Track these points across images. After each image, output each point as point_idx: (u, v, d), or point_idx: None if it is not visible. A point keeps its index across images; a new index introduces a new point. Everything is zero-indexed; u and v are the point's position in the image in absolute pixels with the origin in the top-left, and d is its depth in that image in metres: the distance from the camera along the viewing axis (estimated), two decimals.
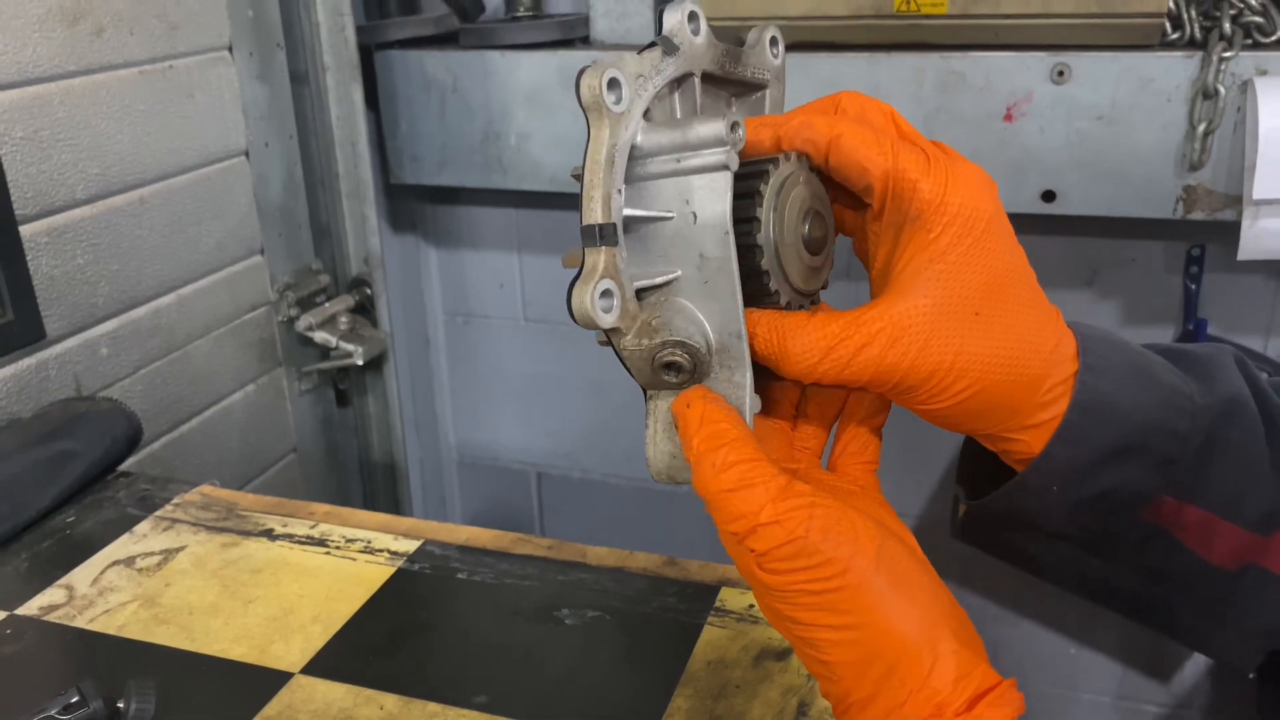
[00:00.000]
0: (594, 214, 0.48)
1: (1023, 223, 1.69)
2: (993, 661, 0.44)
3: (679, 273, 0.50)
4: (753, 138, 0.51)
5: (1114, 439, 0.49)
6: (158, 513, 1.00)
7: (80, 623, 0.84)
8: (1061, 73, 1.35)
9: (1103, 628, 1.77)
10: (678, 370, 0.50)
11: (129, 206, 1.25)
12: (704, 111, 0.55)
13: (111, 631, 0.83)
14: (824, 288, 0.55)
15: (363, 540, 0.95)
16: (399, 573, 0.90)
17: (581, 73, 0.48)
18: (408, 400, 1.91)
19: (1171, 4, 1.31)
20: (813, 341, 0.48)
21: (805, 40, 1.44)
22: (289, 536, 0.96)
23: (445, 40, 1.68)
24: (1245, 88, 1.29)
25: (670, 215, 0.49)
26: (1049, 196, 1.41)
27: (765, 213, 0.49)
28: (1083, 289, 1.63)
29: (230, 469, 1.45)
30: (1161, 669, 1.76)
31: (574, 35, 1.60)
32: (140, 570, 0.91)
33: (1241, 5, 1.30)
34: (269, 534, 0.96)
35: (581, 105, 0.48)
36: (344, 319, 1.60)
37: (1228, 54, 1.28)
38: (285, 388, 1.56)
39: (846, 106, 0.53)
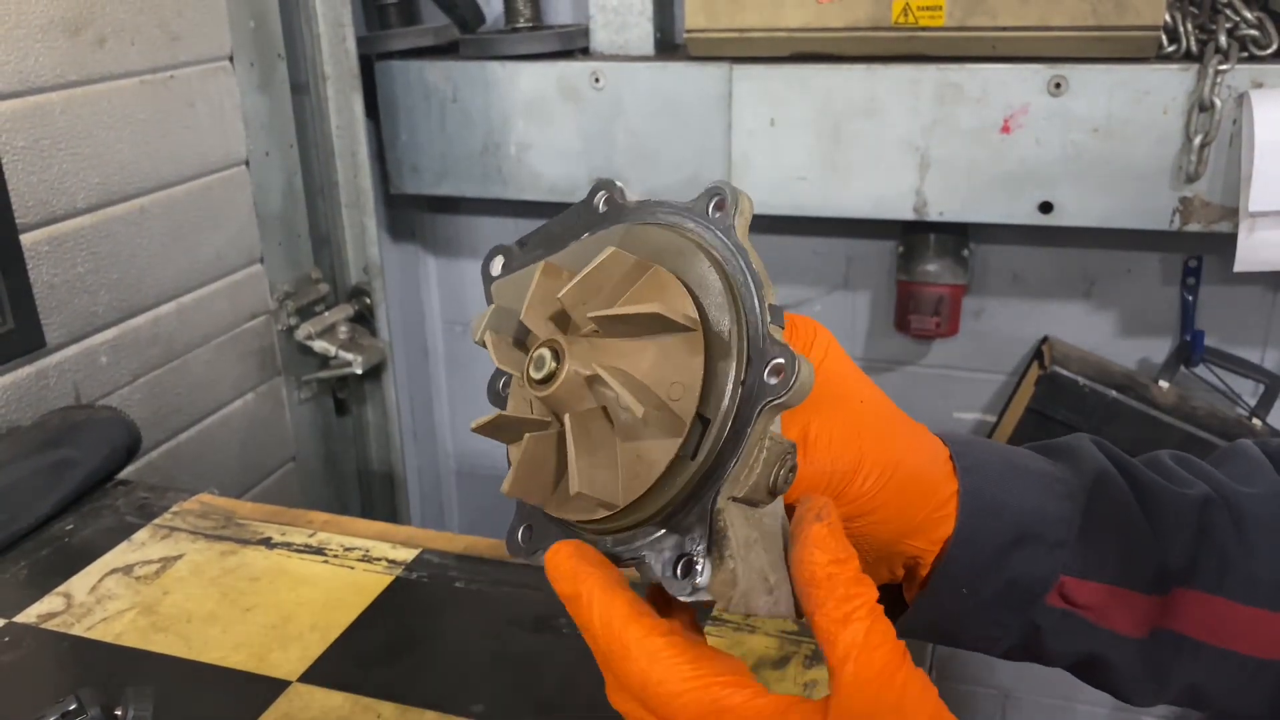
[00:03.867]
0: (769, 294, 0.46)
1: (1020, 234, 1.71)
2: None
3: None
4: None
5: (1005, 533, 0.52)
6: (156, 521, 1.00)
7: (78, 630, 0.84)
8: (1058, 85, 1.35)
9: None
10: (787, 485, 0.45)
11: (129, 215, 1.26)
12: None
13: (109, 639, 0.83)
14: None
15: (361, 549, 0.95)
16: (397, 581, 0.90)
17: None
18: (406, 409, 1.92)
19: (1168, 17, 1.32)
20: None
21: (803, 52, 1.44)
22: (287, 545, 0.96)
23: (445, 51, 1.69)
24: (1241, 100, 1.29)
25: None
26: (1046, 208, 1.41)
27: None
28: (1080, 300, 1.64)
29: (229, 477, 1.45)
30: None
31: (573, 46, 1.61)
32: (139, 578, 0.91)
33: (1237, 18, 1.31)
34: (267, 542, 0.96)
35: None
36: (343, 328, 1.60)
37: (1224, 67, 1.28)
38: (284, 396, 1.56)
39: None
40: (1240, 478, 0.57)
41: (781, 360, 0.43)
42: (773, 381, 0.43)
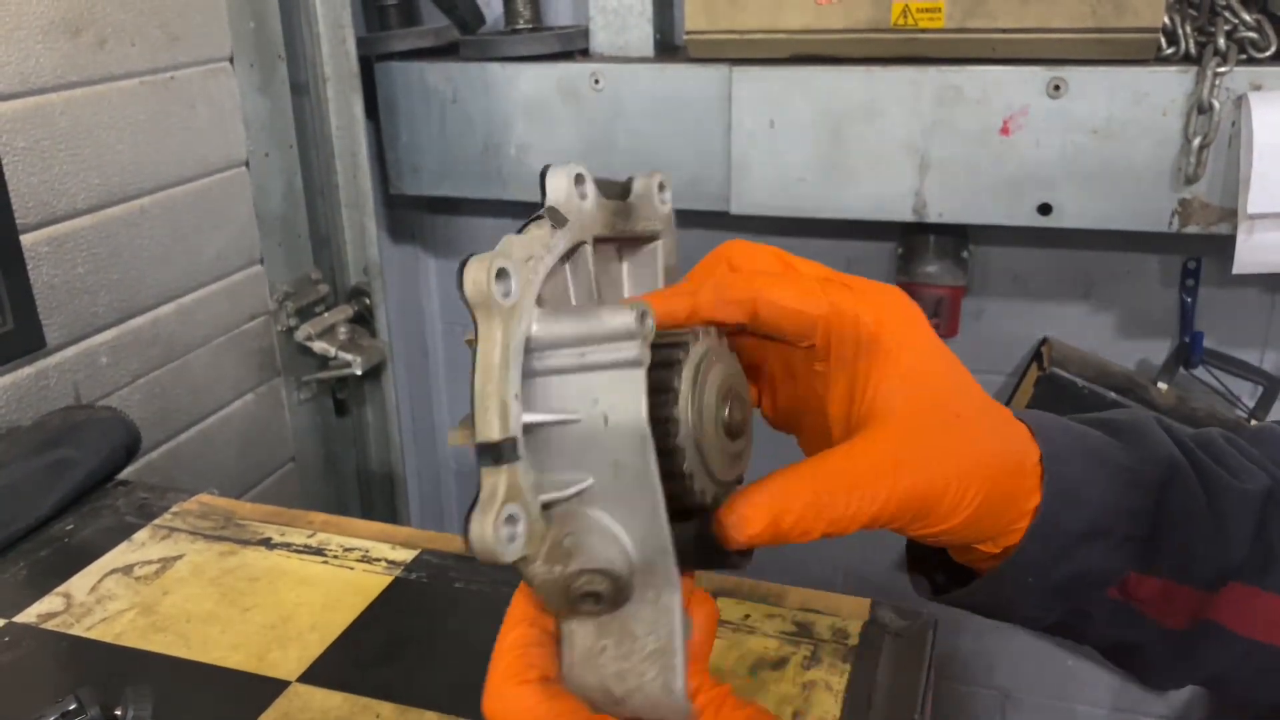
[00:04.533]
0: (490, 429, 0.40)
1: (1019, 235, 1.71)
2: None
3: (590, 480, 0.43)
4: (665, 310, 0.47)
5: (1082, 525, 0.50)
6: (156, 521, 1.00)
7: (78, 630, 0.84)
8: (1058, 87, 1.36)
9: None
10: (597, 600, 0.43)
11: (129, 216, 1.26)
12: (599, 281, 0.49)
13: (109, 639, 0.83)
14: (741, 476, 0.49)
15: (360, 549, 0.95)
16: (396, 582, 0.90)
17: (463, 264, 0.41)
18: (406, 410, 1.92)
19: (1167, 19, 1.32)
20: (828, 486, 0.44)
21: (803, 54, 1.45)
22: (287, 545, 0.96)
23: (445, 52, 1.69)
24: (1240, 102, 1.29)
25: (576, 417, 0.42)
26: (1045, 209, 1.42)
27: (684, 409, 0.43)
28: (1079, 302, 1.64)
29: (228, 478, 1.46)
30: None
31: (573, 48, 1.61)
32: (138, 578, 0.91)
33: (1236, 21, 1.31)
34: (267, 543, 0.97)
35: (466, 302, 0.41)
36: (343, 329, 1.60)
37: (1222, 69, 1.29)
38: (284, 397, 1.56)
39: (739, 260, 0.51)
40: (1275, 459, 0.56)
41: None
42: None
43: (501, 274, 0.41)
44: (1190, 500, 0.53)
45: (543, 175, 0.46)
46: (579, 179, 0.46)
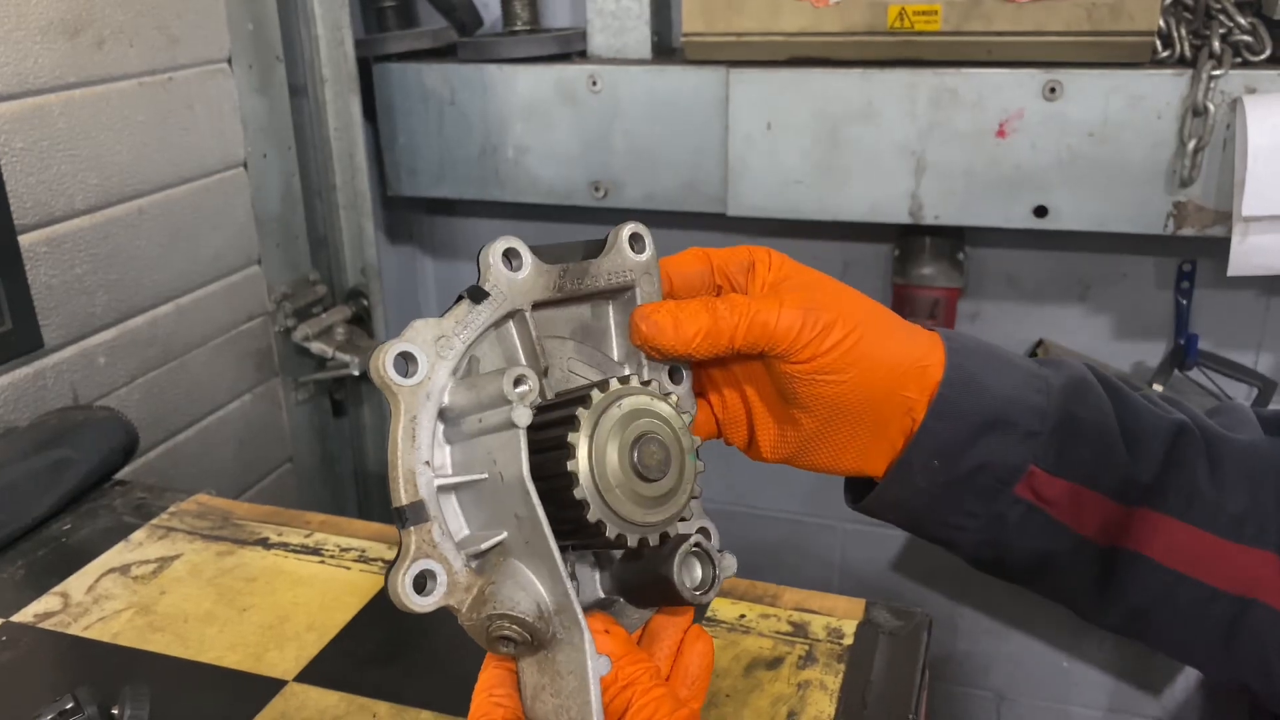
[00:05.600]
0: (398, 496, 0.46)
1: (1015, 237, 1.71)
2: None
3: (504, 534, 0.47)
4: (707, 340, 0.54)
5: (982, 413, 0.54)
6: (153, 521, 1.00)
7: (75, 630, 0.85)
8: (1053, 90, 1.36)
9: (1095, 642, 1.78)
10: (512, 644, 0.47)
11: (128, 217, 1.26)
12: (571, 330, 0.54)
13: (106, 639, 0.84)
14: (696, 498, 0.53)
15: (357, 549, 0.95)
16: None
17: (370, 353, 0.48)
18: None
19: (1162, 23, 1.33)
20: (696, 305, 0.54)
21: (800, 56, 1.45)
22: (284, 545, 0.96)
23: (443, 54, 1.70)
24: (1234, 105, 1.30)
25: (484, 476, 0.48)
26: (1041, 212, 1.42)
27: (581, 461, 0.46)
28: (1074, 303, 1.65)
29: (226, 478, 1.46)
30: (1153, 682, 1.77)
31: (571, 49, 1.61)
32: (135, 578, 0.92)
33: (1231, 24, 1.32)
34: (264, 543, 0.97)
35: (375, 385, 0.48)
36: (340, 329, 1.61)
37: (1217, 72, 1.29)
38: (281, 397, 1.57)
39: (671, 273, 0.58)
40: (1227, 426, 0.59)
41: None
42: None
43: (405, 356, 0.47)
44: (1097, 409, 0.56)
45: (478, 257, 0.51)
46: (510, 254, 0.51)
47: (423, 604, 0.46)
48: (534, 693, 0.48)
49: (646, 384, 0.50)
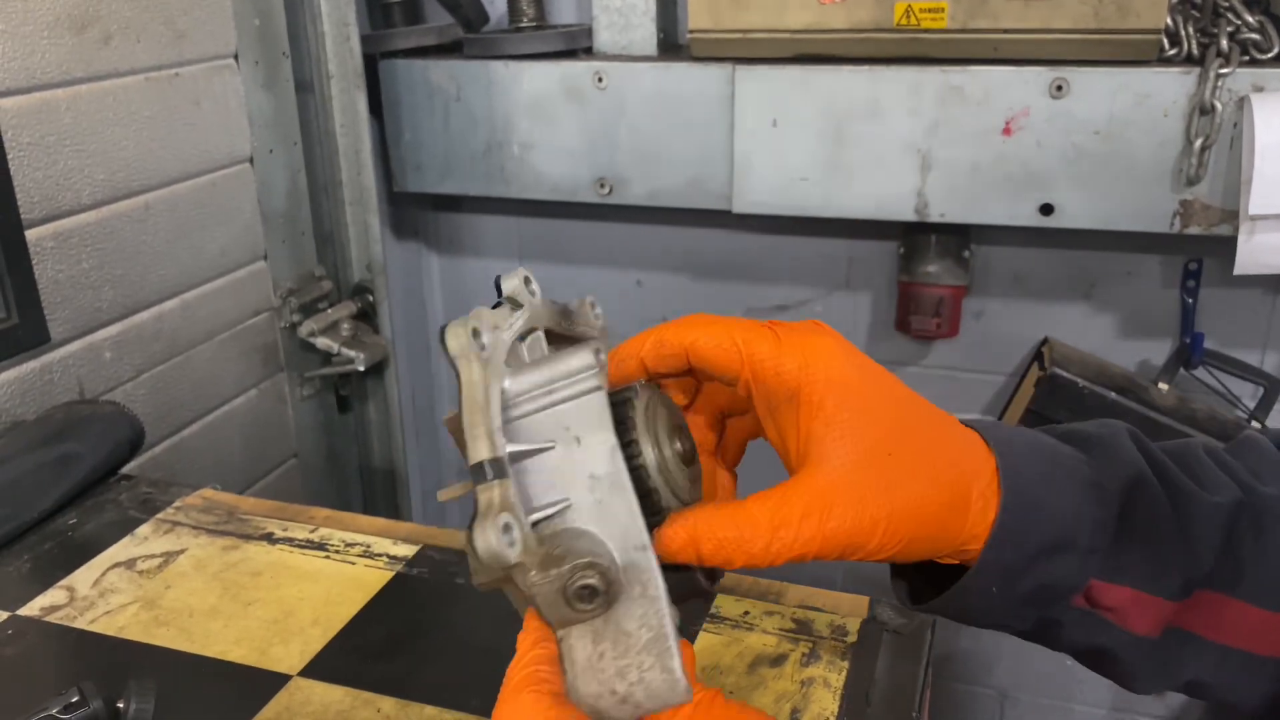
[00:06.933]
0: (480, 451, 0.47)
1: (1020, 236, 1.71)
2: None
3: (569, 499, 0.49)
4: (617, 371, 0.54)
5: (1042, 537, 0.52)
6: (159, 515, 1.01)
7: (81, 624, 0.85)
8: (1060, 87, 1.36)
9: None
10: (593, 594, 0.48)
11: (134, 212, 1.26)
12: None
13: (112, 633, 0.84)
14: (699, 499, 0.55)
15: (362, 544, 0.95)
16: (398, 577, 0.91)
17: (444, 328, 0.50)
18: (408, 406, 1.92)
19: (1169, 20, 1.32)
20: (750, 524, 0.49)
21: (806, 53, 1.45)
22: (289, 540, 0.97)
23: (449, 50, 1.70)
24: (1242, 104, 1.30)
25: (551, 445, 0.50)
26: (1047, 210, 1.42)
27: (641, 434, 0.50)
28: (1080, 302, 1.64)
29: (231, 473, 1.46)
30: None
31: (577, 46, 1.61)
32: (141, 572, 0.92)
33: (1239, 22, 1.32)
34: (269, 537, 0.97)
35: (449, 355, 0.49)
36: (346, 325, 1.61)
37: (1225, 70, 1.29)
38: (287, 393, 1.57)
39: (677, 321, 0.56)
40: (1261, 475, 0.57)
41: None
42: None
43: (476, 332, 0.50)
44: (1155, 511, 0.54)
45: (497, 281, 0.55)
46: (527, 280, 0.54)
47: (510, 554, 0.46)
48: (586, 665, 0.49)
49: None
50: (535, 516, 0.49)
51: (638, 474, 0.50)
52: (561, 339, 0.57)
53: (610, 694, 0.48)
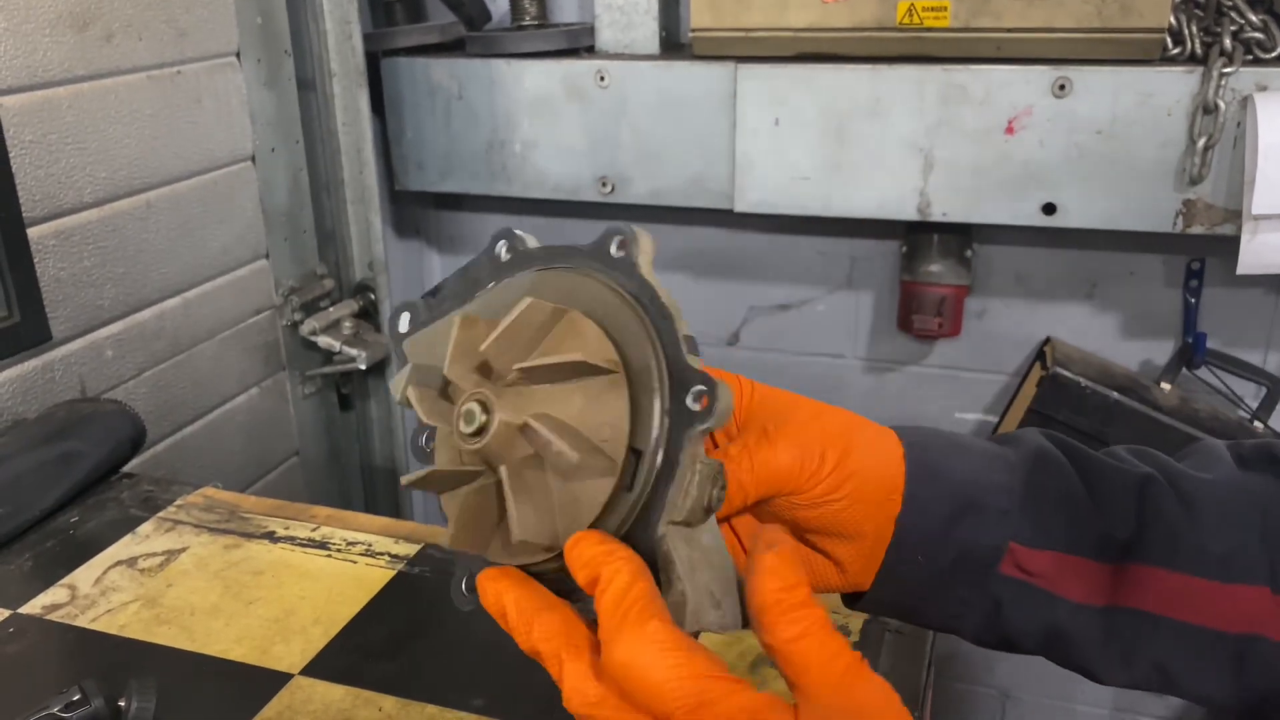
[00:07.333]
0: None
1: (1023, 235, 1.71)
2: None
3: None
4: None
5: (950, 501, 0.55)
6: (160, 514, 1.01)
7: (82, 622, 0.85)
8: (1063, 86, 1.36)
9: None
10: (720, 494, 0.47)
11: (136, 210, 1.26)
12: None
13: (113, 631, 0.84)
14: None
15: (364, 543, 0.95)
16: (399, 576, 0.91)
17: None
18: None
19: (1172, 19, 1.32)
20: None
21: (808, 52, 1.45)
22: (290, 539, 0.97)
23: (451, 48, 1.70)
24: (1245, 103, 1.29)
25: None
26: (1049, 209, 1.42)
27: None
28: (1082, 302, 1.64)
29: (233, 471, 1.46)
30: None
31: (579, 44, 1.61)
32: (142, 571, 0.92)
33: (1242, 21, 1.31)
34: (271, 536, 0.97)
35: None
36: (348, 324, 1.61)
37: (1228, 69, 1.28)
38: (288, 391, 1.57)
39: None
40: (1197, 467, 0.60)
41: (702, 387, 0.45)
42: (696, 408, 0.45)
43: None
44: (1061, 475, 0.57)
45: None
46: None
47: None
48: (689, 569, 0.46)
49: None
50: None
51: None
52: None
53: (710, 595, 0.47)
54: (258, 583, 0.90)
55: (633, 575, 0.44)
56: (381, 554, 0.94)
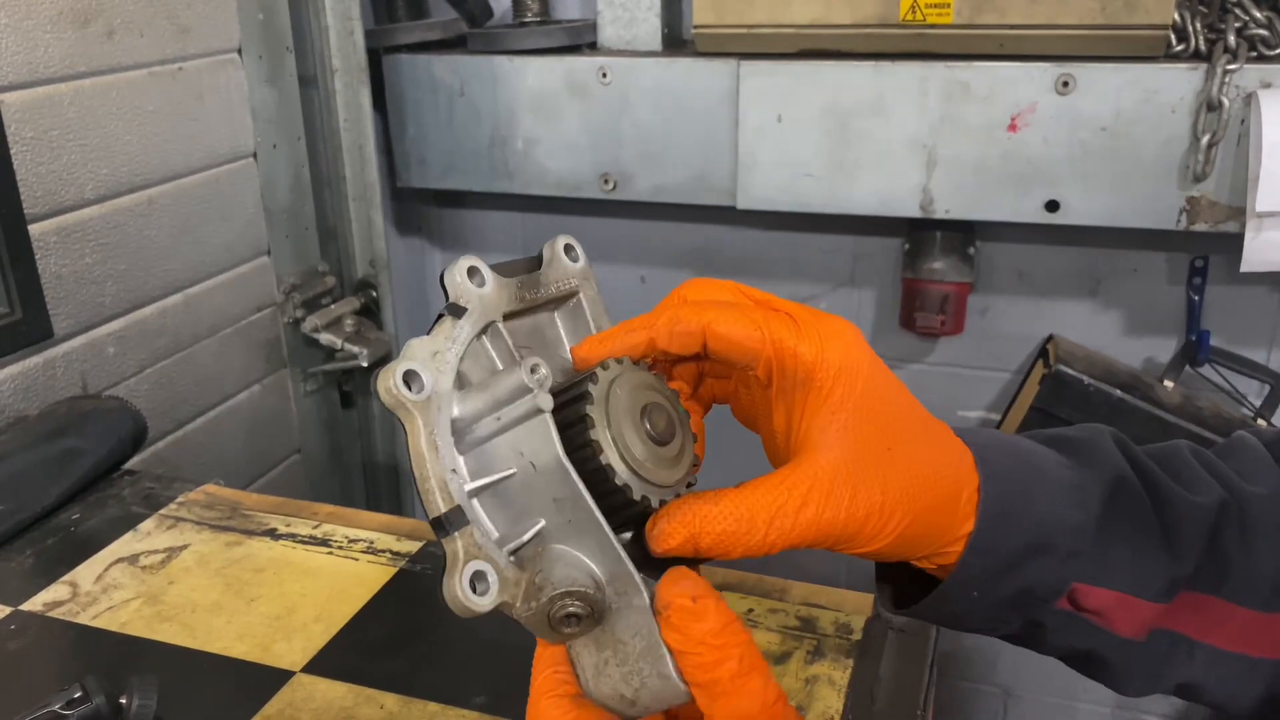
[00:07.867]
0: (435, 505, 0.47)
1: (1026, 232, 1.70)
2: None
3: (542, 522, 0.49)
4: (628, 341, 0.52)
5: (1021, 542, 0.52)
6: (162, 511, 1.01)
7: (84, 619, 0.85)
8: (1066, 83, 1.35)
9: None
10: (577, 619, 0.48)
11: (137, 207, 1.26)
12: (528, 339, 0.55)
13: (115, 628, 0.84)
14: (697, 468, 0.53)
15: (365, 541, 0.95)
16: (401, 573, 0.90)
17: (375, 376, 0.48)
18: None
19: (1176, 16, 1.32)
20: (749, 516, 0.48)
21: (811, 48, 1.44)
22: (292, 536, 0.96)
23: (453, 45, 1.69)
24: (1249, 100, 1.29)
25: (512, 471, 0.49)
26: (1052, 206, 1.41)
27: (600, 431, 0.48)
28: (1086, 299, 1.64)
29: (234, 469, 1.46)
30: None
31: (581, 41, 1.61)
32: (144, 568, 0.92)
33: (1246, 18, 1.31)
34: (272, 533, 0.97)
35: (386, 407, 0.48)
36: (349, 321, 1.61)
37: (1232, 66, 1.28)
38: (290, 388, 1.57)
39: (694, 294, 0.54)
40: (1248, 475, 0.57)
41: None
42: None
43: (409, 375, 0.48)
44: (1138, 514, 0.54)
45: (441, 277, 0.52)
46: (472, 271, 0.53)
47: (482, 604, 0.47)
48: (595, 672, 0.50)
49: (637, 363, 0.52)
50: (511, 546, 0.49)
51: (602, 474, 0.48)
52: (535, 310, 0.55)
53: (620, 697, 0.49)
54: (259, 580, 0.90)
55: (548, 651, 0.52)
56: (383, 551, 0.93)
